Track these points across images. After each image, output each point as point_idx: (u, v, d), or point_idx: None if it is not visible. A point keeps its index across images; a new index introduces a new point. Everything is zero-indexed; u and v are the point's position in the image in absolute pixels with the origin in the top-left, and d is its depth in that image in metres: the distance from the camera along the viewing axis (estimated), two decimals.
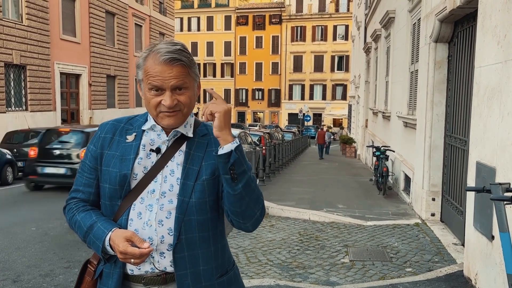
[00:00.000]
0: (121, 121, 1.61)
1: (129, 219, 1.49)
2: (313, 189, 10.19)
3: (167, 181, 1.50)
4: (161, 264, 1.50)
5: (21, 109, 17.71)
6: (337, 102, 51.32)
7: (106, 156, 1.55)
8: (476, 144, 4.11)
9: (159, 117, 1.49)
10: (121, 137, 1.56)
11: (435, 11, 6.18)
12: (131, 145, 1.54)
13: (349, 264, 4.99)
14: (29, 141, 13.28)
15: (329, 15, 51.20)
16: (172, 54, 1.42)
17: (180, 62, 1.43)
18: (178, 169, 1.51)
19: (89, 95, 22.33)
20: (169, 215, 1.48)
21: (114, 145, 1.55)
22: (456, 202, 5.82)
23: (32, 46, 17.94)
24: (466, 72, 5.47)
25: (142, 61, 1.48)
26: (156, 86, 1.44)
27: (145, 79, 1.47)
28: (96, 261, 1.60)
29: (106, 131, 1.59)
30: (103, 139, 1.57)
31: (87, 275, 1.60)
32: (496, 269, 3.54)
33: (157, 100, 1.45)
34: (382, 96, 12.98)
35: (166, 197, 1.49)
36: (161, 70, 1.42)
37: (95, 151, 1.57)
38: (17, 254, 5.34)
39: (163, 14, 31.50)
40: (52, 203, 8.61)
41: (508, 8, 3.41)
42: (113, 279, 1.52)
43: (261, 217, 1.52)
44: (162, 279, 1.51)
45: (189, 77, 1.47)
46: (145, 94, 1.49)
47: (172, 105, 1.44)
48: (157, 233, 1.47)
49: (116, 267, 1.51)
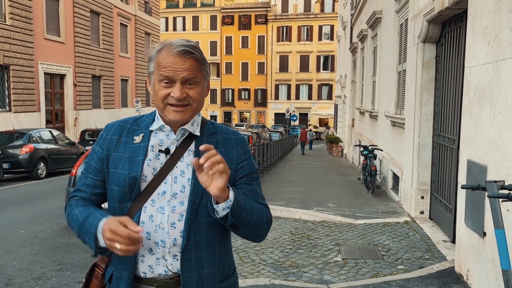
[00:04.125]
0: (127, 122, 1.58)
1: (140, 222, 1.46)
2: (303, 189, 10.24)
3: (178, 182, 1.48)
4: (174, 267, 1.48)
5: (5, 110, 17.42)
6: (323, 102, 51.59)
7: (113, 158, 1.52)
8: (467, 143, 4.18)
9: (166, 110, 1.47)
10: (128, 138, 1.53)
11: (423, 12, 6.27)
12: (139, 146, 1.51)
13: (341, 262, 5.04)
14: (14, 143, 13.09)
15: (315, 15, 51.45)
16: (186, 47, 1.43)
17: (193, 55, 1.44)
18: (188, 170, 1.49)
19: (74, 96, 22.07)
20: (181, 217, 1.47)
21: (121, 147, 1.52)
22: (445, 200, 5.91)
23: (16, 46, 17.66)
24: (454, 72, 5.56)
25: (155, 54, 1.47)
26: (167, 77, 1.43)
27: (156, 71, 1.46)
28: (104, 264, 1.56)
29: (112, 132, 1.56)
30: (109, 141, 1.54)
31: (94, 279, 1.57)
32: (488, 265, 3.61)
33: (166, 92, 1.44)
34: (369, 95, 13.10)
35: (177, 198, 1.47)
36: (174, 61, 1.42)
37: (101, 152, 1.54)
38: (8, 258, 5.27)
39: (148, 14, 31.29)
40: (38, 206, 8.49)
41: (498, 9, 3.48)
42: (124, 282, 1.48)
43: (269, 229, 1.56)
44: (175, 282, 1.49)
45: (200, 73, 1.47)
46: (154, 85, 1.47)
47: (181, 97, 1.43)
48: (169, 236, 1.46)
49: (126, 270, 1.47)
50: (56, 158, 13.93)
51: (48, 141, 14.07)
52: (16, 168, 12.62)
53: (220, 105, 55.27)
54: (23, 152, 12.64)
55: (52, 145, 14.11)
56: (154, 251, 1.46)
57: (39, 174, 13.02)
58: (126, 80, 28.29)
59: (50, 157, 13.58)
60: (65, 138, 15.59)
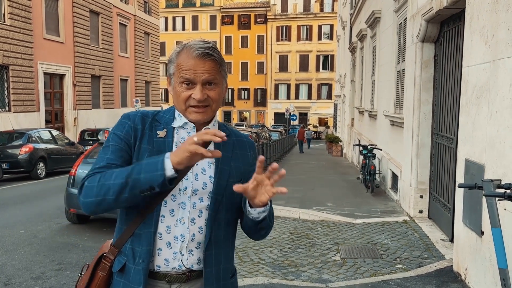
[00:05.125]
0: (147, 115, 1.58)
1: (160, 215, 1.49)
2: (302, 188, 10.25)
3: (199, 179, 1.52)
4: (188, 262, 1.52)
5: (4, 110, 17.43)
6: (323, 101, 51.60)
7: (139, 148, 1.51)
8: (465, 142, 4.19)
9: (187, 112, 1.51)
10: (152, 131, 1.54)
11: (421, 12, 6.28)
12: (164, 141, 1.52)
13: (340, 261, 5.05)
14: (13, 142, 13.10)
15: (314, 15, 51.45)
16: (205, 50, 1.46)
17: (213, 57, 1.47)
18: (210, 168, 1.54)
19: (74, 96, 22.07)
20: (201, 213, 1.52)
21: (146, 139, 1.52)
22: (444, 199, 5.92)
23: (15, 46, 17.67)
24: (452, 71, 5.57)
25: (175, 56, 1.51)
26: (188, 79, 1.46)
27: (177, 73, 1.49)
28: (113, 256, 1.55)
29: (136, 121, 1.54)
30: (134, 129, 1.52)
31: (100, 270, 1.56)
32: (486, 263, 3.62)
33: (187, 94, 1.48)
34: (368, 95, 13.11)
35: (197, 195, 1.51)
36: (194, 64, 1.46)
37: (128, 140, 1.51)
38: (7, 257, 5.28)
39: (148, 14, 31.29)
40: (38, 206, 8.51)
41: (495, 9, 3.49)
42: (140, 274, 1.49)
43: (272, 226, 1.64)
44: (186, 277, 1.53)
45: (219, 74, 1.51)
46: (175, 87, 1.50)
47: (202, 99, 1.46)
48: (189, 231, 1.50)
49: (144, 262, 1.49)
50: (56, 158, 13.93)
51: (47, 141, 14.08)
52: (15, 168, 12.63)
53: None
54: (23, 152, 12.65)
55: (52, 145, 14.11)
56: (172, 245, 1.50)
57: (38, 174, 13.03)
58: (126, 80, 28.29)
59: (49, 157, 13.58)
60: (64, 138, 15.59)
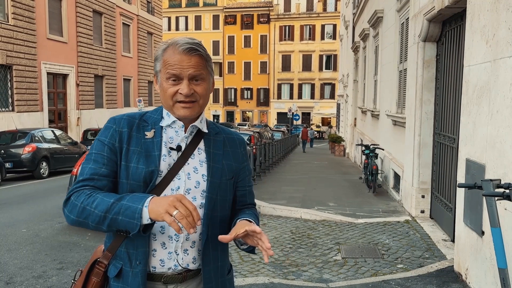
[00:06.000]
0: (134, 117, 1.57)
1: None
2: (304, 188, 10.25)
3: (192, 178, 1.52)
4: (184, 261, 1.52)
5: (8, 109, 17.50)
6: (326, 101, 51.55)
7: (126, 151, 1.50)
8: (466, 142, 4.18)
9: (175, 108, 1.51)
10: (139, 133, 1.53)
11: (423, 11, 6.26)
12: (152, 141, 1.52)
13: (341, 261, 5.04)
14: (16, 142, 13.15)
15: (317, 15, 51.40)
16: (191, 45, 1.47)
17: (199, 52, 1.48)
18: (202, 167, 1.55)
19: (77, 95, 22.14)
20: None
21: (133, 141, 1.51)
22: (446, 199, 5.91)
23: (19, 45, 17.73)
24: (454, 71, 5.55)
25: (161, 53, 1.51)
26: (174, 74, 1.47)
27: (163, 69, 1.49)
28: (107, 261, 1.52)
29: (121, 125, 1.53)
30: (120, 133, 1.52)
31: (93, 276, 1.53)
32: (487, 263, 3.61)
33: (174, 90, 1.48)
34: (370, 94, 13.09)
35: (190, 193, 1.52)
36: (180, 59, 1.46)
37: (113, 144, 1.50)
38: (9, 256, 5.30)
39: (151, 14, 31.34)
40: (40, 205, 8.54)
41: (496, 8, 3.48)
42: (138, 277, 1.47)
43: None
44: (182, 277, 1.53)
45: (206, 69, 1.52)
46: (162, 84, 1.50)
47: (189, 93, 1.47)
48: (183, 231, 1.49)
49: (141, 264, 1.47)
50: (59, 158, 13.99)
51: (50, 140, 14.13)
52: (18, 168, 12.69)
53: (222, 105, 55.29)
54: (26, 151, 12.71)
55: (55, 144, 14.16)
56: (167, 245, 1.50)
57: (41, 173, 13.08)
58: (129, 79, 28.35)
59: (52, 156, 13.64)
60: (67, 137, 15.64)
